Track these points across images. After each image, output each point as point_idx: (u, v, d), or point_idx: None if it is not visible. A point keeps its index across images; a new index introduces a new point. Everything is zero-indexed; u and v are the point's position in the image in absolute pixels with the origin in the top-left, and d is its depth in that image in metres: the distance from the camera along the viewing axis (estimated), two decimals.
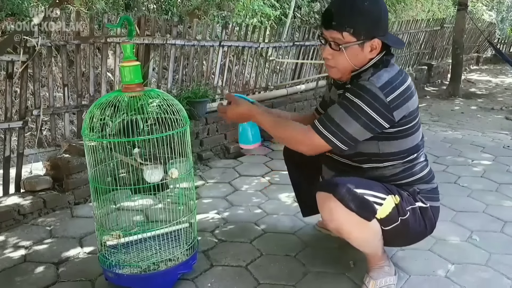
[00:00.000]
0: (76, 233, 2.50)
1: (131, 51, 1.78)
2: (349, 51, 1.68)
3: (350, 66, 1.72)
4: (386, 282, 1.91)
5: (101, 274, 2.05)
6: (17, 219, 2.58)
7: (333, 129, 1.66)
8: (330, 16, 1.66)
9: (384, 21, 1.70)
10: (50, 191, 2.80)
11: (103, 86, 3.14)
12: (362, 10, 1.63)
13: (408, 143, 1.77)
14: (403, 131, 1.73)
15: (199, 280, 2.03)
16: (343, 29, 1.64)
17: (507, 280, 2.05)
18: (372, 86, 1.63)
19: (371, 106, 1.62)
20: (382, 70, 1.68)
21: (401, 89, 1.66)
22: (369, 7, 1.64)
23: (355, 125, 1.64)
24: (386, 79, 1.64)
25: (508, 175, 3.42)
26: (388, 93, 1.63)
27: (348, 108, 1.64)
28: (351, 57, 1.69)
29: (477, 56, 11.43)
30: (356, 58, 1.69)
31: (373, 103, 1.62)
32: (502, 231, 2.51)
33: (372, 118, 1.64)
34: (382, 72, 1.67)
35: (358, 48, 1.68)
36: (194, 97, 3.60)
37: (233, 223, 2.62)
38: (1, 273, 2.12)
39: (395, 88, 1.65)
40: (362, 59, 1.71)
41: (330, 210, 1.73)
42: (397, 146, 1.75)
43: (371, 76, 1.66)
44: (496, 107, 6.29)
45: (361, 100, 1.63)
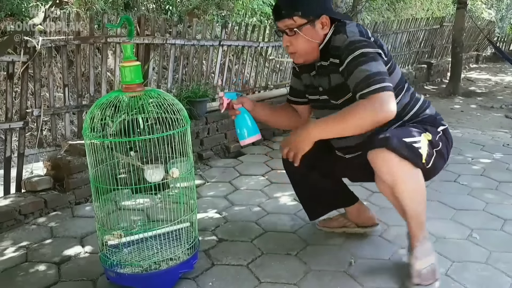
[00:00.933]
0: (77, 232, 2.50)
1: (131, 51, 1.79)
2: (304, 32, 1.84)
3: (310, 46, 1.87)
4: (430, 261, 1.94)
5: (102, 274, 2.06)
6: (18, 219, 2.59)
7: (377, 78, 1.73)
8: (279, 8, 1.85)
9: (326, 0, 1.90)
10: (51, 191, 2.81)
11: (103, 86, 3.15)
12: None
13: (397, 76, 1.93)
14: (390, 66, 1.88)
15: (200, 279, 2.04)
16: (292, 15, 1.81)
17: (507, 278, 2.06)
18: (355, 38, 1.79)
19: (370, 45, 1.78)
20: (345, 28, 1.84)
21: (372, 36, 1.88)
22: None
23: (379, 63, 1.77)
24: (356, 29, 1.84)
25: (508, 173, 3.42)
26: (368, 36, 1.83)
27: (365, 59, 1.75)
28: (307, 37, 1.85)
29: (477, 54, 11.44)
30: (312, 37, 1.85)
31: (368, 43, 1.78)
32: (502, 229, 2.51)
33: (379, 53, 1.80)
34: (347, 28, 1.84)
35: (310, 28, 1.84)
36: (194, 96, 3.61)
37: (234, 222, 2.62)
38: (2, 273, 2.12)
39: (368, 34, 1.85)
40: (318, 36, 1.86)
41: (385, 161, 1.79)
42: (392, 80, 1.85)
43: (342, 36, 1.83)
44: (496, 105, 6.30)
45: (362, 48, 1.76)
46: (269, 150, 4.01)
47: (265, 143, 4.24)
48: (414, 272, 1.90)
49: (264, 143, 4.22)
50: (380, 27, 7.05)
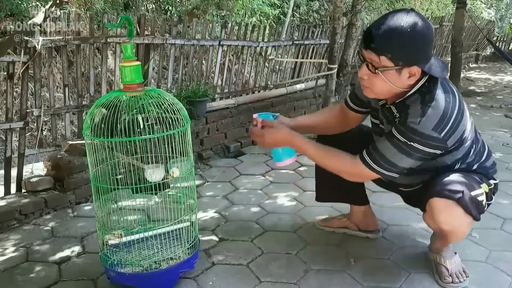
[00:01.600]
0: (78, 232, 2.51)
1: (132, 51, 1.79)
2: (385, 75, 1.63)
3: (386, 90, 1.68)
4: (457, 260, 2.04)
5: (103, 274, 2.06)
6: (18, 219, 2.59)
7: (384, 164, 1.70)
8: (370, 37, 1.59)
9: (426, 49, 1.61)
10: (51, 191, 2.81)
11: (103, 86, 3.15)
12: (403, 36, 1.56)
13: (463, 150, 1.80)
14: (457, 147, 1.76)
15: (200, 279, 2.04)
16: (381, 54, 1.59)
17: (507, 277, 2.06)
18: (424, 129, 1.61)
19: (425, 145, 1.64)
20: (430, 108, 1.62)
21: (453, 119, 1.64)
22: (412, 34, 1.56)
23: (408, 160, 1.68)
24: (437, 118, 1.61)
25: (508, 172, 3.43)
26: (442, 130, 1.62)
27: (400, 148, 1.66)
28: (387, 80, 1.64)
29: (476, 54, 11.44)
30: (393, 82, 1.64)
31: (427, 142, 1.63)
32: (501, 228, 2.52)
33: (426, 153, 1.67)
34: (431, 111, 1.61)
35: (395, 74, 1.62)
36: (194, 96, 3.61)
37: (234, 221, 2.63)
38: (3, 273, 2.12)
39: (448, 122, 1.62)
40: (399, 84, 1.65)
41: (449, 213, 1.78)
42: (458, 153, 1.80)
43: (421, 113, 1.62)
44: (496, 105, 6.30)
45: (414, 142, 1.63)
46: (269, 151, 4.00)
47: None
48: (444, 271, 1.99)
49: None
50: None
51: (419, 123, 1.61)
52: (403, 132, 1.65)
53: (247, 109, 4.24)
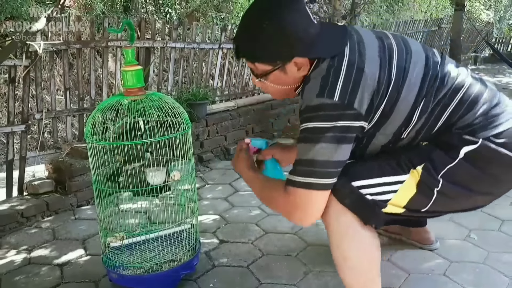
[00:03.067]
0: (79, 235, 2.53)
1: (133, 55, 1.82)
2: (270, 79, 1.43)
3: (284, 92, 1.49)
4: None
5: (104, 276, 2.08)
6: (20, 222, 2.61)
7: (306, 169, 1.36)
8: (236, 47, 1.44)
9: (298, 36, 1.34)
10: (53, 193, 2.83)
11: (104, 89, 3.17)
12: (263, 37, 1.35)
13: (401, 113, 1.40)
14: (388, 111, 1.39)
15: (201, 281, 2.06)
16: (252, 60, 1.43)
17: (505, 278, 2.08)
18: (307, 100, 1.35)
19: (323, 118, 1.32)
20: (312, 80, 1.37)
21: (342, 78, 1.32)
22: (271, 31, 1.34)
23: (325, 147, 1.33)
24: (318, 84, 1.33)
25: None
26: (331, 93, 1.31)
27: (305, 138, 1.36)
28: (277, 83, 1.44)
29: (475, 56, 11.48)
30: (283, 83, 1.44)
31: (323, 114, 1.32)
32: (499, 230, 2.54)
33: (336, 128, 1.32)
34: (312, 83, 1.36)
35: (280, 73, 1.41)
36: (194, 99, 3.63)
37: (234, 223, 2.65)
38: (5, 276, 2.14)
39: (334, 84, 1.32)
40: (293, 81, 1.44)
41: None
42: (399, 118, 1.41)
43: (303, 91, 1.39)
44: None
45: (311, 121, 1.34)
46: None
47: None
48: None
49: None
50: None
51: (303, 97, 1.37)
52: (300, 121, 1.39)
53: (247, 111, 4.26)
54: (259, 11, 1.37)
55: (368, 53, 1.38)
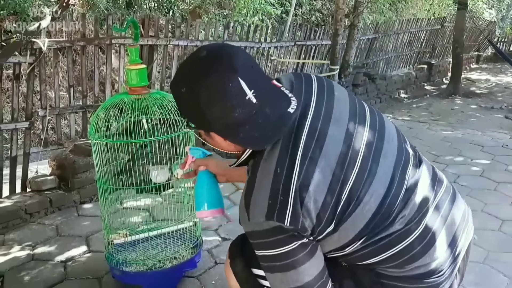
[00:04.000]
0: (82, 231, 2.54)
1: (137, 54, 1.83)
2: (201, 135, 1.18)
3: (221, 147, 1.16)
4: None
5: (107, 272, 2.10)
6: (24, 218, 2.63)
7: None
8: None
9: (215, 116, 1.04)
10: (56, 190, 2.85)
11: (107, 86, 3.19)
12: (179, 99, 1.09)
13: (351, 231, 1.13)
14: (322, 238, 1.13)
15: (203, 278, 2.08)
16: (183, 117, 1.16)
17: (504, 277, 2.10)
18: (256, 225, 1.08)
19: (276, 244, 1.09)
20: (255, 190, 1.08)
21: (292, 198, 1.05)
22: (186, 99, 1.07)
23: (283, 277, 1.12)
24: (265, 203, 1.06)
25: (507, 174, 3.46)
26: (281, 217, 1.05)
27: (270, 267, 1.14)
28: (209, 142, 1.17)
29: (477, 54, 11.46)
30: (215, 145, 1.16)
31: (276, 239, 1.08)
32: (500, 230, 2.56)
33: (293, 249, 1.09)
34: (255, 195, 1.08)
35: (206, 136, 1.14)
36: None
37: (236, 221, 2.64)
38: (9, 272, 2.16)
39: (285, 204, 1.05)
40: (225, 146, 1.14)
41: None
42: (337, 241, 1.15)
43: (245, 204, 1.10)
44: (496, 106, 6.33)
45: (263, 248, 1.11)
46: None
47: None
48: None
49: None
50: (381, 28, 7.09)
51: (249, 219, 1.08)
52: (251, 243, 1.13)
53: None
54: (185, 72, 1.09)
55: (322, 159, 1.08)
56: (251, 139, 1.07)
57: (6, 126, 2.70)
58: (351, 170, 1.10)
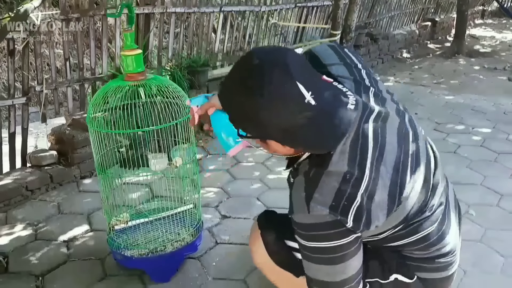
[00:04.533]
0: (84, 209, 2.56)
1: (133, 39, 1.77)
2: (254, 142, 1.21)
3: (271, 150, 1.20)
4: None
5: (109, 253, 2.13)
6: (25, 195, 2.64)
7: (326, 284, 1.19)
8: None
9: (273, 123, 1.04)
10: (56, 165, 2.85)
11: (104, 58, 3.12)
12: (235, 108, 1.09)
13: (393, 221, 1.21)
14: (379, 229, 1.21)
15: (204, 259, 2.11)
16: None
17: (501, 257, 2.13)
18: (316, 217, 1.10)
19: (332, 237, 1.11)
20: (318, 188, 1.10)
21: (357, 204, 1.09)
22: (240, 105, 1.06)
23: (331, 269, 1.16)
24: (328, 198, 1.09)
25: (508, 144, 3.45)
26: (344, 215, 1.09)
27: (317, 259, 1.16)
28: (262, 146, 1.20)
29: (482, 9, 11.16)
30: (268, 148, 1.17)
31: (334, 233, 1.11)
32: (498, 205, 2.57)
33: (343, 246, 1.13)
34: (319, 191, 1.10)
35: (263, 143, 1.16)
36: (195, 66, 3.58)
37: (236, 197, 2.68)
38: (13, 252, 2.19)
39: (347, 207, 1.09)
40: (277, 151, 1.16)
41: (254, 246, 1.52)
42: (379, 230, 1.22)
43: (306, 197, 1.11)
44: (499, 66, 6.23)
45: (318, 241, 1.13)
46: None
47: None
48: None
49: None
50: None
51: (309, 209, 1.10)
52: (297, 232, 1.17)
53: None
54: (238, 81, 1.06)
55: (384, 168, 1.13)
56: (312, 143, 1.08)
57: (3, 102, 2.67)
58: (405, 174, 1.17)
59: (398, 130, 1.20)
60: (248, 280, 1.98)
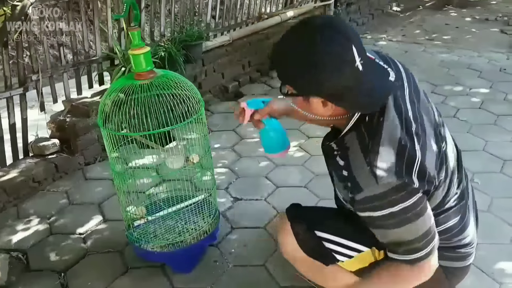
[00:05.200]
0: (94, 198, 2.56)
1: (139, 37, 1.72)
2: (296, 102, 1.31)
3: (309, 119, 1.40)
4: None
5: (127, 245, 2.16)
6: (32, 187, 2.63)
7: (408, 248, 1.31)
8: (272, 64, 1.33)
9: (324, 79, 1.15)
10: (59, 154, 2.82)
11: (97, 40, 3.03)
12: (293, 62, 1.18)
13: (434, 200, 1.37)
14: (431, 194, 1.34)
15: (222, 246, 2.14)
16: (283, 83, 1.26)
17: (508, 226, 2.19)
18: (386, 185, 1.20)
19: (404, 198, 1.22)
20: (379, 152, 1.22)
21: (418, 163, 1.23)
22: (302, 61, 1.16)
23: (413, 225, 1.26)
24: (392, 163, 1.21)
25: (506, 104, 3.48)
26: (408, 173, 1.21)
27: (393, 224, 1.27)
28: (302, 109, 1.30)
29: None
30: (308, 111, 1.29)
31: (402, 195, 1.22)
32: (502, 172, 2.62)
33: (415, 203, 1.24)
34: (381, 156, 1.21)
35: (304, 102, 1.26)
36: (189, 40, 3.49)
37: (244, 177, 2.69)
38: (31, 249, 2.20)
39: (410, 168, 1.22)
40: (320, 113, 1.27)
41: (284, 240, 1.60)
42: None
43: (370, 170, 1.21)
44: (491, 17, 6.17)
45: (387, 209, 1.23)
46: (268, 89, 3.98)
47: (262, 79, 4.19)
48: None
49: (262, 80, 4.18)
50: None
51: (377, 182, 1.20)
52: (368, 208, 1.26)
53: (243, 44, 4.14)
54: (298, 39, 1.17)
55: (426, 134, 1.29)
56: (357, 103, 1.22)
57: (1, 95, 2.61)
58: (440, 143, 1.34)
59: (427, 111, 1.36)
60: (268, 265, 2.03)
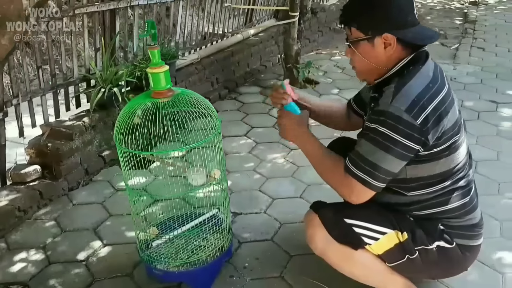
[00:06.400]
0: (86, 223, 2.47)
1: (159, 56, 1.73)
2: (359, 49, 1.54)
3: (366, 68, 1.58)
4: None
5: (135, 267, 2.11)
6: (18, 216, 2.49)
7: (365, 167, 1.50)
8: (342, 12, 1.58)
9: (396, 12, 1.48)
10: (41, 180, 2.70)
11: (74, 61, 2.95)
12: (366, 1, 1.50)
13: (441, 166, 1.56)
14: (437, 153, 1.53)
15: (235, 261, 2.14)
16: (349, 24, 1.54)
17: (495, 221, 2.36)
18: (396, 110, 1.43)
19: (400, 132, 1.43)
20: (407, 85, 1.47)
21: (432, 107, 1.45)
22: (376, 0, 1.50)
23: (388, 157, 1.47)
24: (412, 98, 1.44)
25: (464, 111, 3.71)
26: (417, 115, 1.43)
27: (375, 141, 1.48)
28: (364, 55, 1.54)
29: None
30: (368, 56, 1.54)
31: (402, 129, 1.43)
32: (476, 172, 2.81)
33: (404, 145, 1.45)
34: (406, 89, 1.46)
35: (368, 45, 1.52)
36: (164, 59, 3.47)
37: (238, 192, 2.70)
38: (32, 281, 2.09)
39: (424, 107, 1.44)
40: (379, 58, 1.53)
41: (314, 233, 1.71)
42: (428, 169, 1.56)
43: (394, 93, 1.46)
44: None
45: (388, 128, 1.45)
46: (240, 105, 4.01)
47: (232, 95, 4.22)
48: None
49: (231, 96, 4.20)
50: None
51: (391, 102, 1.44)
52: (374, 119, 1.49)
53: (210, 62, 4.18)
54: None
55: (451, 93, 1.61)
56: (416, 39, 1.50)
57: None
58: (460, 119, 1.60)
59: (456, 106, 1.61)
60: (286, 276, 2.06)
